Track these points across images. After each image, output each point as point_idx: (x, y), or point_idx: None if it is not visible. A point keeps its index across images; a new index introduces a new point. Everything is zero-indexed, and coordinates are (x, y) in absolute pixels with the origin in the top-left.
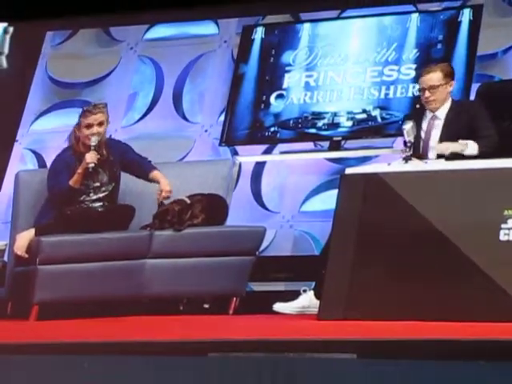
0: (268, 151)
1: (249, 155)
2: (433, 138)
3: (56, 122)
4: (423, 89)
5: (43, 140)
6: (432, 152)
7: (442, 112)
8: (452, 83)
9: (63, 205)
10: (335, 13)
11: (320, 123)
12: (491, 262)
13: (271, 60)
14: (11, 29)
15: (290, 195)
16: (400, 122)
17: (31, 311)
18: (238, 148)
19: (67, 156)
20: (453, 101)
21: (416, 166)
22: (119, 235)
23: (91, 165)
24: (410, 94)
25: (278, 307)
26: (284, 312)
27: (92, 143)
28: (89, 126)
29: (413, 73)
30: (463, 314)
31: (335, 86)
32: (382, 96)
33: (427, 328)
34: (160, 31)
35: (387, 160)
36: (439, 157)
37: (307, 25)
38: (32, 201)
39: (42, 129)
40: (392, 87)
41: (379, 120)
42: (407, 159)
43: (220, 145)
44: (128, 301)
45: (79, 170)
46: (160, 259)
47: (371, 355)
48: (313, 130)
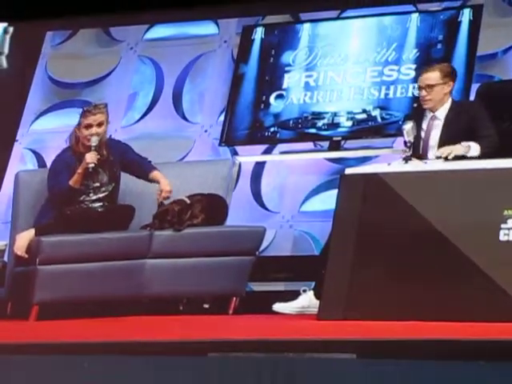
0: (268, 151)
1: (249, 155)
2: (432, 138)
3: (56, 122)
4: (420, 87)
5: (43, 140)
6: (432, 152)
7: (442, 112)
8: (450, 84)
9: (63, 205)
10: (335, 13)
11: (320, 123)
12: (491, 262)
13: (271, 60)
14: (11, 29)
15: (290, 195)
16: (400, 122)
17: (31, 311)
18: (238, 148)
19: (67, 156)
20: (453, 101)
21: (416, 166)
22: (119, 235)
23: (91, 165)
24: (410, 94)
25: (278, 307)
26: (284, 312)
27: (92, 143)
28: (88, 127)
29: (413, 73)
30: (463, 314)
31: (335, 86)
32: (382, 96)
33: (427, 328)
34: (160, 31)
35: (387, 160)
36: (439, 157)
37: (307, 25)
38: (32, 201)
39: (42, 129)
40: (392, 87)
41: (379, 120)
42: (407, 159)
43: (220, 145)
44: (128, 301)
45: (79, 170)
46: (160, 259)
47: (371, 355)
48: (313, 130)
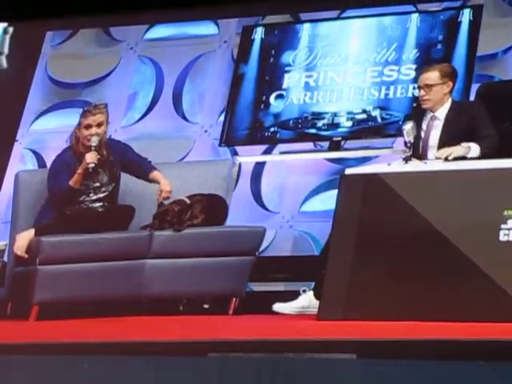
0: (268, 151)
1: (249, 155)
2: (432, 138)
3: (56, 122)
4: (419, 87)
5: (43, 140)
6: (431, 152)
7: (442, 112)
8: (450, 84)
9: (63, 205)
10: (335, 13)
11: (320, 123)
12: (491, 263)
13: (271, 60)
14: (11, 29)
15: (290, 195)
16: (400, 123)
17: (31, 311)
18: (238, 148)
19: (67, 156)
20: (453, 101)
21: (416, 167)
22: (119, 235)
23: (91, 165)
24: (410, 95)
25: (278, 307)
26: (284, 312)
27: (92, 143)
28: (88, 127)
29: (413, 73)
30: (463, 314)
31: (335, 87)
32: (382, 96)
33: (427, 328)
34: (160, 31)
35: (387, 160)
36: (439, 158)
37: (307, 25)
38: (32, 201)
39: (42, 129)
40: (392, 87)
41: (379, 120)
42: (407, 159)
43: (220, 145)
44: (128, 301)
45: (79, 171)
46: (160, 259)
47: (371, 355)
48: (313, 130)
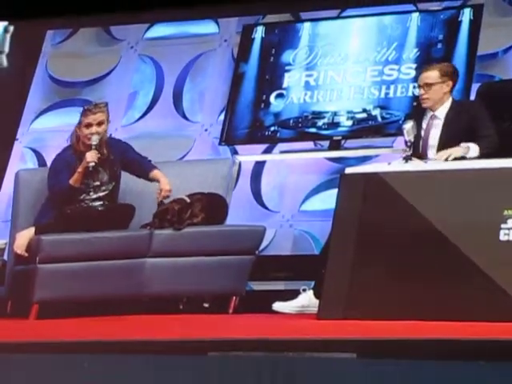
0: (268, 150)
1: (249, 154)
2: (432, 138)
3: (56, 121)
4: (419, 86)
5: (43, 139)
6: (432, 151)
7: (442, 111)
8: (450, 83)
9: (63, 204)
10: (335, 12)
11: (320, 122)
12: (491, 262)
13: (271, 59)
14: (11, 28)
15: (290, 194)
16: (400, 122)
17: (31, 310)
18: (238, 147)
19: (68, 155)
20: (453, 100)
21: (416, 166)
22: (119, 234)
23: (91, 164)
24: (410, 94)
25: (278, 306)
26: (283, 311)
27: (93, 142)
28: (88, 126)
29: (413, 72)
30: (463, 314)
31: (335, 86)
32: (382, 95)
33: (427, 328)
34: (160, 30)
35: (387, 159)
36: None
37: (307, 24)
38: (32, 200)
39: (43, 127)
40: (392, 86)
41: (379, 119)
42: (407, 159)
43: (220, 144)
44: (128, 300)
45: (79, 169)
46: (160, 258)
47: (371, 355)
48: (313, 130)
